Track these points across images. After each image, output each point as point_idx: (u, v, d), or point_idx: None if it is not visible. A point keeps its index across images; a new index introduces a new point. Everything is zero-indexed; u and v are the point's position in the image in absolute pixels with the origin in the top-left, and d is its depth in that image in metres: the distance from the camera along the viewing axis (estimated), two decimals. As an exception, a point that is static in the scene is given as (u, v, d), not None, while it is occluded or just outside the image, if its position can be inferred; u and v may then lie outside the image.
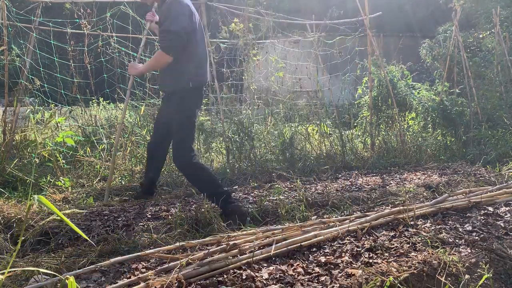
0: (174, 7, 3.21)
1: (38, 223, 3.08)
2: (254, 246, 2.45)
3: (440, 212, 3.10)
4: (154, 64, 3.46)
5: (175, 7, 3.21)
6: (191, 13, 3.27)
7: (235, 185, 4.66)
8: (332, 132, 6.33)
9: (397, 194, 3.88)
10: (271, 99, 6.62)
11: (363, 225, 2.79)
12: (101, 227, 3.19)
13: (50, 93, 5.21)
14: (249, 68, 6.23)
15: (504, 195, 3.40)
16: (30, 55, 4.88)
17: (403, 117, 6.61)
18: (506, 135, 6.08)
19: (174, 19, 3.17)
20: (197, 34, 3.34)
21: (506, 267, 2.34)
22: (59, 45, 5.50)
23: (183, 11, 3.20)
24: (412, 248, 2.48)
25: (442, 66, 7.69)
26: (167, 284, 2.01)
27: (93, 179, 4.49)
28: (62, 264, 2.40)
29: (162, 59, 3.27)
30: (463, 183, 4.24)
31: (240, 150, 5.44)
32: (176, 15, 3.18)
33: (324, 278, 2.17)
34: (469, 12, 11.57)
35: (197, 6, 5.64)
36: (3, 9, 4.42)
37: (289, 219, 3.25)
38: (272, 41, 6.96)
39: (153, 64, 3.47)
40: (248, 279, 2.11)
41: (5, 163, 4.23)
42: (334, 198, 3.73)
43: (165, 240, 2.83)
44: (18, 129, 4.88)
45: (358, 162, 5.65)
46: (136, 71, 3.59)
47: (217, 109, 6.14)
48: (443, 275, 2.16)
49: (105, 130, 5.45)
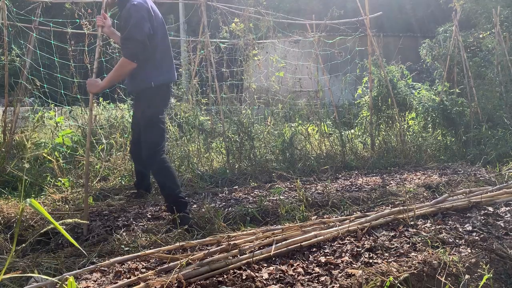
0: (134, 13, 3.08)
1: (38, 223, 3.08)
2: (254, 246, 2.45)
3: (440, 212, 3.10)
4: (119, 73, 3.19)
5: (135, 13, 3.08)
6: (151, 15, 3.18)
7: (235, 185, 4.66)
8: (332, 132, 6.33)
9: (397, 194, 3.88)
10: (272, 99, 6.62)
11: (363, 225, 2.79)
12: (101, 227, 3.19)
13: (50, 93, 5.21)
14: (249, 68, 6.23)
15: (504, 195, 3.40)
16: (30, 55, 4.88)
17: (403, 117, 6.61)
18: (506, 135, 6.08)
19: (136, 26, 3.07)
20: (158, 35, 3.25)
21: (506, 267, 2.34)
22: (59, 45, 5.50)
23: (143, 15, 3.10)
24: (412, 248, 2.48)
25: (442, 66, 7.69)
26: (167, 284, 2.01)
27: (93, 179, 4.49)
28: (62, 264, 2.40)
29: (128, 67, 3.14)
30: (463, 183, 4.23)
31: (240, 150, 5.44)
32: (137, 22, 3.07)
33: (324, 278, 2.17)
34: (469, 12, 11.57)
35: (197, 6, 5.66)
36: (3, 9, 4.42)
37: (289, 219, 3.25)
38: (272, 41, 6.96)
39: (117, 74, 3.19)
40: (248, 279, 2.11)
41: (5, 163, 4.23)
42: (334, 198, 3.73)
43: (165, 240, 2.83)
44: (19, 129, 4.88)
45: (358, 162, 5.65)
46: (97, 88, 3.23)
47: (217, 109, 6.14)
48: (443, 275, 2.16)
49: (105, 130, 5.45)
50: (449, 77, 7.28)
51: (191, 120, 5.91)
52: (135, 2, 3.10)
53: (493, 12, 7.38)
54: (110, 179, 4.61)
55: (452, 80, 7.24)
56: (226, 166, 5.26)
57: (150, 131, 3.29)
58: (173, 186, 3.25)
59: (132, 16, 3.07)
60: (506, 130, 6.18)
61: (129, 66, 3.13)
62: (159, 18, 3.31)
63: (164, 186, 3.29)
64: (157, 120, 3.30)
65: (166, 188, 3.27)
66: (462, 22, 9.30)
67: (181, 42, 8.94)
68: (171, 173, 3.30)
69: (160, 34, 3.27)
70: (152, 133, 3.28)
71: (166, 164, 3.30)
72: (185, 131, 5.80)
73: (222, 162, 5.46)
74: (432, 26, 13.42)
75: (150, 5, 3.23)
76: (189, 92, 6.40)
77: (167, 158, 3.41)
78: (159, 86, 3.29)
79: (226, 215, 3.35)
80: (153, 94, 3.29)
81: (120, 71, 3.17)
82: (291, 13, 7.72)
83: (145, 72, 3.24)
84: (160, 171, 3.29)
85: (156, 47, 3.24)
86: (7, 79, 4.54)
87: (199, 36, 6.46)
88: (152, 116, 3.29)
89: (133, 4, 3.09)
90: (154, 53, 3.24)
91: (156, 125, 3.30)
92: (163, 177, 3.28)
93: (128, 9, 3.11)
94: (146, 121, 3.30)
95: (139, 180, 4.01)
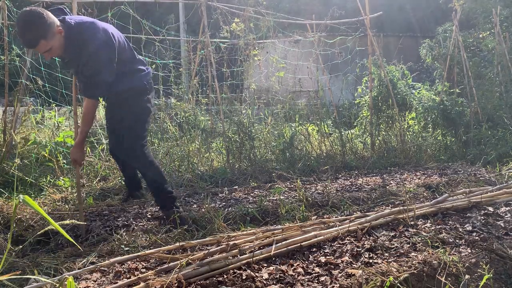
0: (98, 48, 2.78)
1: (38, 223, 3.08)
2: (254, 246, 2.45)
3: (440, 212, 3.10)
4: (88, 119, 2.96)
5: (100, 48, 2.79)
6: (112, 43, 2.88)
7: (235, 185, 4.66)
8: (332, 132, 6.33)
9: (397, 194, 3.88)
10: (272, 99, 6.63)
11: (363, 225, 2.79)
12: (101, 227, 3.20)
13: (51, 92, 5.21)
14: (249, 68, 6.23)
15: (504, 195, 3.40)
16: (31, 54, 4.87)
17: (403, 117, 6.61)
18: (506, 135, 6.08)
19: (103, 65, 2.82)
20: (122, 54, 2.99)
21: (506, 267, 2.33)
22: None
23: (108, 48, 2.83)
24: (412, 248, 2.48)
25: (442, 66, 7.68)
26: (167, 284, 2.01)
27: (93, 179, 4.49)
28: (61, 264, 2.40)
29: (93, 107, 2.96)
30: (463, 183, 4.23)
31: (240, 150, 5.44)
32: (106, 60, 2.83)
33: (324, 278, 2.17)
34: (469, 12, 11.56)
35: (197, 6, 5.66)
36: (4, 9, 4.42)
37: (289, 219, 3.25)
38: (272, 41, 6.96)
39: (86, 121, 2.96)
40: (248, 279, 2.11)
41: (5, 163, 4.23)
42: (334, 198, 3.73)
43: (165, 240, 2.83)
44: (19, 129, 4.88)
45: (358, 162, 5.65)
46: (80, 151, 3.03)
47: (217, 109, 6.14)
48: (443, 275, 2.16)
49: (104, 131, 5.44)
50: (449, 77, 7.27)
51: (191, 120, 5.91)
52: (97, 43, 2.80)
53: (493, 12, 7.38)
54: (110, 179, 4.61)
55: (452, 80, 7.24)
56: (226, 166, 5.26)
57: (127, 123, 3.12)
58: (159, 180, 3.20)
59: (98, 52, 2.80)
60: (506, 130, 6.18)
61: (94, 105, 2.97)
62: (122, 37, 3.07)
63: (151, 180, 3.23)
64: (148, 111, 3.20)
65: (153, 183, 3.21)
66: (462, 22, 9.30)
67: (181, 42, 8.93)
68: (156, 167, 3.22)
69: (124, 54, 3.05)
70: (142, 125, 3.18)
71: (151, 158, 3.23)
72: (185, 131, 5.80)
73: (222, 162, 5.46)
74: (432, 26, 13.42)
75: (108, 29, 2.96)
76: (189, 92, 6.40)
77: (150, 152, 3.31)
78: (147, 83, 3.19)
79: (226, 215, 3.34)
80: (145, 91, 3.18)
81: (91, 114, 2.97)
82: (291, 13, 7.71)
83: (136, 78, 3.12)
84: (144, 165, 3.20)
85: (125, 62, 3.06)
86: (7, 79, 4.54)
87: (199, 36, 6.46)
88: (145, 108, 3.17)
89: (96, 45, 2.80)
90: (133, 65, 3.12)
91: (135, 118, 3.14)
92: (148, 171, 3.21)
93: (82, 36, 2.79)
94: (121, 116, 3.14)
95: (128, 180, 3.88)
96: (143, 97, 3.18)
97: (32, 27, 2.61)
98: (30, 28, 2.62)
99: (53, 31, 2.67)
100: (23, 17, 2.63)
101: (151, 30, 5.92)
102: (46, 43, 2.67)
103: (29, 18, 2.61)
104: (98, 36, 2.82)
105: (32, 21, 2.61)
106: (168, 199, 3.21)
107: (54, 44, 2.71)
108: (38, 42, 2.64)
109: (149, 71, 3.28)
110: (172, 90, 6.44)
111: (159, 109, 6.07)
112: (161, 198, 3.23)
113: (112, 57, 2.89)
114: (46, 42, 2.66)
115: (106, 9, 5.12)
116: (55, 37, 2.69)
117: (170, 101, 6.29)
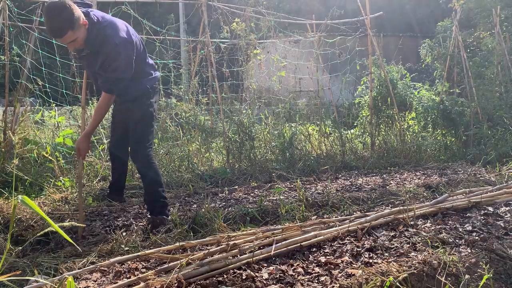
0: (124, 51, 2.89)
1: (38, 223, 3.08)
2: (254, 246, 2.45)
3: (440, 212, 3.10)
4: (101, 112, 3.06)
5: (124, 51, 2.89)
6: (131, 40, 2.98)
7: (235, 185, 4.66)
8: (332, 132, 6.33)
9: (397, 194, 3.88)
10: (272, 98, 6.63)
11: (363, 225, 2.79)
12: (101, 227, 3.20)
13: (51, 92, 5.21)
14: (249, 67, 6.24)
15: (504, 195, 3.40)
16: (31, 54, 4.88)
17: (403, 117, 6.61)
18: (506, 135, 6.08)
19: (124, 64, 2.92)
20: (141, 54, 3.11)
21: (506, 267, 2.33)
22: (60, 44, 5.49)
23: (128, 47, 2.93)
24: (412, 248, 2.47)
25: (442, 66, 7.68)
26: (167, 284, 2.02)
27: (93, 179, 4.49)
28: (61, 264, 2.40)
29: (109, 101, 3.06)
30: (463, 183, 4.23)
31: (240, 150, 5.44)
32: (125, 58, 2.92)
33: (324, 278, 2.17)
34: (469, 12, 11.56)
35: (197, 6, 5.67)
36: (5, 9, 4.42)
37: (289, 219, 3.25)
38: (273, 40, 6.96)
39: (99, 113, 3.05)
40: (248, 279, 2.11)
41: (5, 163, 4.23)
42: (334, 198, 3.73)
43: (165, 240, 2.83)
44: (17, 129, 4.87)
45: (358, 162, 5.65)
46: (86, 141, 3.07)
47: (217, 109, 6.14)
48: (443, 275, 2.16)
49: (105, 130, 5.44)
50: (449, 77, 7.28)
51: (191, 120, 5.91)
52: (118, 41, 2.89)
53: (493, 12, 7.38)
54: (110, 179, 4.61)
55: (452, 80, 7.24)
56: (226, 166, 5.27)
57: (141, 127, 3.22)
58: (157, 184, 3.23)
59: (120, 51, 2.89)
60: (506, 130, 6.18)
61: (111, 100, 3.06)
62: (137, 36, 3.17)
63: (149, 182, 3.26)
64: (149, 116, 3.25)
65: (150, 185, 3.24)
66: (462, 22, 9.30)
67: (181, 42, 8.93)
68: (157, 171, 3.28)
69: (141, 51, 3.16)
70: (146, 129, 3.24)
71: (153, 160, 3.28)
72: (185, 131, 5.80)
73: (222, 162, 5.46)
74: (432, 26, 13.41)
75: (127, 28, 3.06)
76: (190, 92, 6.40)
77: (153, 156, 3.37)
78: (151, 87, 3.26)
79: (226, 215, 3.34)
80: (147, 95, 3.24)
81: (106, 108, 3.07)
82: (291, 13, 7.72)
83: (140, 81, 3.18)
84: (146, 166, 3.24)
85: (142, 62, 3.16)
86: (7, 79, 4.54)
87: (199, 36, 6.46)
88: (147, 112, 3.24)
89: (117, 43, 2.89)
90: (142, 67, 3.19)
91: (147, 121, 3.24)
92: (149, 172, 3.24)
93: (114, 46, 2.89)
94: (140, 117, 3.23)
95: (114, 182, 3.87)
96: (146, 101, 3.23)
97: (60, 18, 2.69)
98: (59, 19, 2.69)
99: (79, 23, 2.75)
100: (52, 7, 2.71)
101: (152, 30, 5.92)
102: (72, 34, 2.74)
103: (58, 8, 2.69)
104: (120, 34, 2.92)
105: (61, 12, 2.68)
106: (159, 205, 3.23)
107: (79, 36, 2.80)
108: (66, 32, 2.72)
109: (156, 75, 3.33)
110: (172, 90, 6.44)
111: (160, 109, 6.07)
112: (153, 202, 3.25)
113: (132, 55, 2.97)
114: (73, 32, 2.74)
115: (107, 9, 5.12)
116: (81, 29, 2.78)
117: (171, 101, 6.29)
